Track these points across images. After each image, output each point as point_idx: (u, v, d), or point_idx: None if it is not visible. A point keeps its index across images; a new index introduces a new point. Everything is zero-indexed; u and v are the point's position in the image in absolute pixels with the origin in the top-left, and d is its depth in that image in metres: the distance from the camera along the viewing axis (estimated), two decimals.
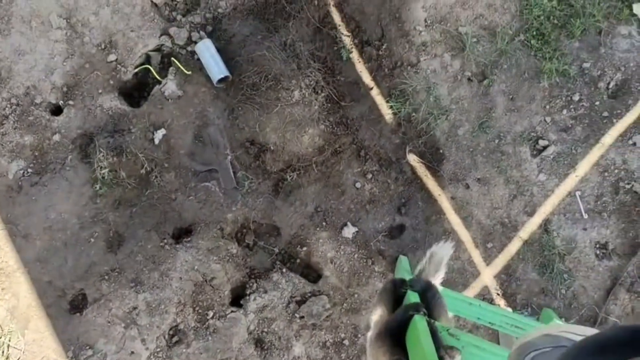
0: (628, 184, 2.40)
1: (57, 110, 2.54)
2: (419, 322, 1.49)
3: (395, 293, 1.63)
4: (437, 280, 1.96)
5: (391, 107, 2.52)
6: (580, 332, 1.07)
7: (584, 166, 2.44)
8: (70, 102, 2.52)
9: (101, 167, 2.44)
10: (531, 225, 2.45)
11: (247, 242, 2.51)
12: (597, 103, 2.46)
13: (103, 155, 2.45)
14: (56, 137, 2.49)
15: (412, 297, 1.59)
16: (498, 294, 2.45)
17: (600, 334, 0.87)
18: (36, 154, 2.48)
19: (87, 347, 2.38)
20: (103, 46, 2.55)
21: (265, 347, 2.43)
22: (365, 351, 1.76)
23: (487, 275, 2.45)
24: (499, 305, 2.44)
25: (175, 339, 2.41)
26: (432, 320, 1.57)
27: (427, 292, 1.75)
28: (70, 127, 2.50)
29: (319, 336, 2.44)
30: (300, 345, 2.43)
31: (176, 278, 2.44)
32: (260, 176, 2.52)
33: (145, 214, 2.48)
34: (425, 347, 1.40)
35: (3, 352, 2.36)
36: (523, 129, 2.48)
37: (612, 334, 0.81)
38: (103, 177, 2.44)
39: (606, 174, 2.43)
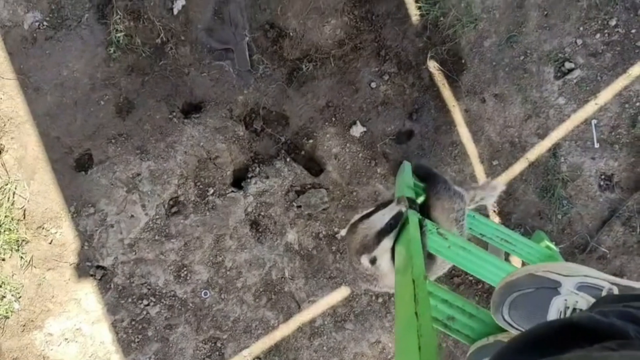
0: None
1: None
2: (412, 216, 1.51)
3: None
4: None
5: (419, 7, 2.42)
6: (564, 272, 1.06)
7: (606, 95, 2.38)
8: None
9: (117, 30, 2.40)
10: (540, 148, 2.43)
11: (254, 126, 2.51)
12: (633, 31, 2.35)
13: (120, 18, 2.40)
14: None
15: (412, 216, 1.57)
16: (494, 211, 2.48)
17: (529, 331, 0.87)
18: (53, 7, 2.42)
19: (89, 205, 2.45)
20: None
21: (260, 230, 2.49)
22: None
23: None
24: (493, 221, 2.46)
25: (174, 209, 2.47)
26: (423, 218, 1.59)
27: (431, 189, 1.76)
28: None
29: (313, 227, 2.50)
30: (293, 232, 2.50)
31: (181, 151, 2.47)
32: (275, 62, 2.48)
33: (156, 85, 2.46)
34: (411, 234, 1.43)
35: (9, 198, 2.43)
36: (551, 49, 2.39)
37: (543, 330, 0.81)
38: (118, 41, 2.41)
39: (627, 105, 2.37)
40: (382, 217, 1.48)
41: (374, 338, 2.52)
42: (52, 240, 2.47)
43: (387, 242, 1.48)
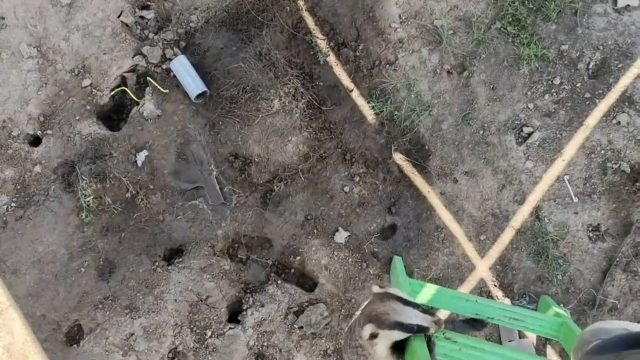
0: (615, 163, 2.39)
1: (35, 141, 2.51)
2: (417, 338, 1.47)
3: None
4: None
5: (373, 107, 2.50)
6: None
7: (570, 150, 2.43)
8: (49, 132, 2.48)
9: (85, 195, 2.41)
10: (522, 214, 2.44)
11: (239, 256, 2.48)
12: (579, 85, 2.44)
13: (86, 183, 2.41)
14: (37, 169, 2.46)
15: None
16: (495, 286, 2.44)
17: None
18: (18, 187, 2.44)
19: None
20: (76, 72, 2.51)
21: None
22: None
23: (483, 268, 2.44)
24: (496, 297, 2.42)
25: None
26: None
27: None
28: (50, 157, 2.47)
29: (320, 345, 2.42)
30: (301, 355, 2.42)
31: (171, 300, 2.41)
32: (247, 189, 2.50)
33: (134, 238, 2.45)
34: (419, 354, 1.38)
35: None
36: (506, 118, 2.46)
37: None
38: (88, 205, 2.41)
39: (593, 155, 2.42)
40: (412, 317, 1.43)
41: None
42: None
43: (397, 334, 1.43)
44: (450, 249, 2.46)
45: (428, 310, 1.44)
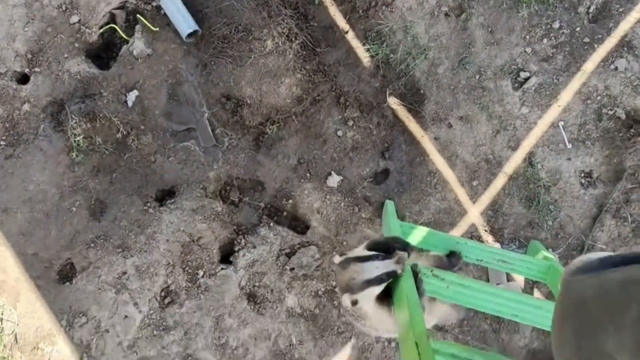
0: (611, 109, 2.37)
1: (23, 79, 2.46)
2: (405, 274, 1.46)
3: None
4: None
5: (368, 49, 2.45)
6: None
7: (566, 95, 2.40)
8: (37, 69, 2.43)
9: (75, 135, 2.38)
10: (515, 160, 2.44)
11: (231, 199, 2.48)
12: (578, 29, 2.40)
13: (76, 122, 2.38)
14: (26, 107, 2.42)
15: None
16: (485, 231, 2.46)
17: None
18: (7, 125, 2.40)
19: (81, 315, 2.38)
20: (64, 7, 2.44)
21: (258, 301, 2.44)
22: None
23: (474, 213, 2.45)
24: (487, 241, 2.44)
25: (167, 300, 2.41)
26: (416, 264, 1.56)
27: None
28: (39, 95, 2.42)
29: (311, 286, 2.45)
30: (292, 296, 2.45)
31: (163, 240, 2.42)
32: (239, 132, 2.47)
33: (125, 179, 2.43)
34: (406, 290, 1.38)
35: None
36: (503, 62, 2.42)
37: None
38: (78, 145, 2.38)
39: (589, 101, 2.40)
40: (375, 269, 1.43)
41: None
42: (49, 359, 2.38)
43: (373, 290, 1.44)
44: (442, 194, 2.46)
45: (388, 254, 1.43)
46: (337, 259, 1.48)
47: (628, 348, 0.63)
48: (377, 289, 1.42)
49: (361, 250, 1.50)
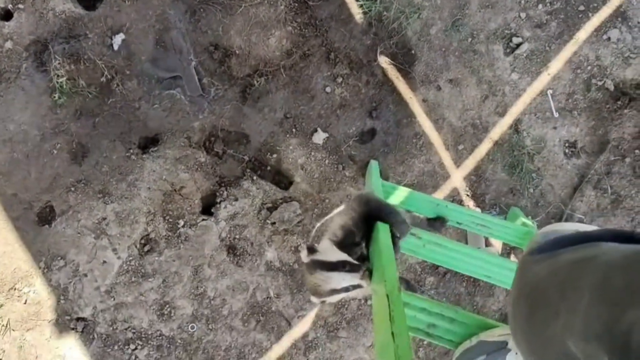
0: (600, 80, 2.37)
1: (6, 15, 2.39)
2: (382, 226, 1.46)
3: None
4: None
5: (361, 5, 2.41)
6: (507, 332, 1.09)
7: (557, 64, 2.39)
8: (20, 6, 2.36)
9: (58, 76, 2.33)
10: (502, 126, 2.44)
11: (215, 150, 2.46)
12: None
13: (59, 63, 2.33)
14: (8, 44, 2.36)
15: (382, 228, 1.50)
16: (467, 195, 2.47)
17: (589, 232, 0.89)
18: None
19: (59, 258, 2.38)
20: None
21: (238, 253, 2.45)
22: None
23: (457, 177, 2.46)
24: (468, 206, 2.46)
25: (147, 247, 2.41)
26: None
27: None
28: (22, 33, 2.36)
29: (291, 241, 2.46)
30: (272, 250, 2.46)
31: (144, 188, 2.41)
32: (226, 82, 2.44)
33: (108, 124, 2.40)
34: (382, 243, 1.38)
35: None
36: (497, 26, 2.40)
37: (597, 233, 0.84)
38: (61, 86, 2.34)
39: (579, 70, 2.39)
40: (341, 281, 1.40)
41: (369, 342, 2.49)
42: (26, 300, 2.39)
43: (337, 297, 1.42)
44: (427, 156, 2.46)
45: (355, 263, 1.34)
46: (304, 256, 1.38)
47: (577, 333, 0.61)
48: (344, 294, 1.39)
49: (328, 248, 1.42)
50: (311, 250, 1.34)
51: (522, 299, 0.83)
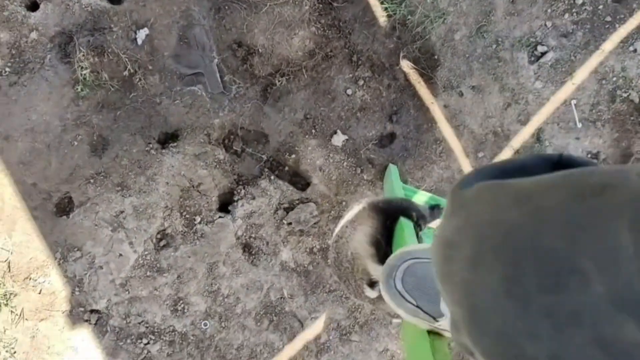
0: (625, 92, 2.34)
1: (33, 6, 2.40)
2: (406, 225, 1.44)
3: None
4: None
5: (386, 8, 2.40)
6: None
7: (582, 73, 2.37)
8: None
9: (82, 68, 2.34)
10: (523, 135, 2.41)
11: (234, 148, 2.46)
12: (601, 7, 2.35)
13: (83, 55, 2.34)
14: (34, 35, 2.37)
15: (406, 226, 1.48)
16: None
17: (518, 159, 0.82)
18: (13, 52, 2.36)
19: (75, 249, 2.39)
20: None
21: (253, 252, 2.44)
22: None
23: None
24: None
25: (162, 242, 2.41)
26: (417, 224, 1.54)
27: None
28: (47, 25, 2.37)
29: (306, 242, 2.45)
30: (287, 250, 2.45)
31: (162, 183, 2.41)
32: (248, 81, 2.44)
33: (129, 118, 2.41)
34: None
35: None
36: (522, 34, 2.38)
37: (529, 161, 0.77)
38: (84, 78, 2.35)
39: (604, 81, 2.36)
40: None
41: (382, 347, 2.48)
42: (41, 290, 2.40)
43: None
44: (446, 162, 2.45)
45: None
46: (370, 292, 1.28)
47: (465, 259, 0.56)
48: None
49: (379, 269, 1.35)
50: (371, 284, 1.28)
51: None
